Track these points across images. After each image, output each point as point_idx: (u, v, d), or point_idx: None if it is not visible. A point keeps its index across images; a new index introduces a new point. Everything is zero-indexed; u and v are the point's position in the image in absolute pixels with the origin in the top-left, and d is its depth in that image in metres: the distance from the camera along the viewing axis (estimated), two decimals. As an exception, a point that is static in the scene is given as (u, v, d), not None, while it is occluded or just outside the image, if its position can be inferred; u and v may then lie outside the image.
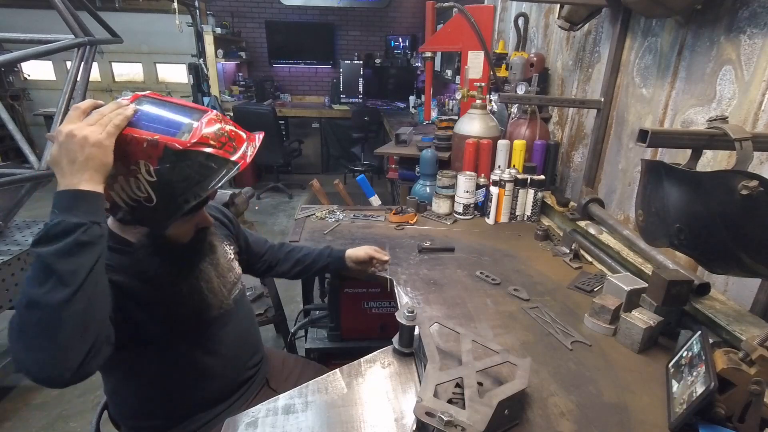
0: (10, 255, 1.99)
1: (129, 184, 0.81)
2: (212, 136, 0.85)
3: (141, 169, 0.80)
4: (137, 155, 0.80)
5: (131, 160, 0.80)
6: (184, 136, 0.82)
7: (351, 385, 1.00)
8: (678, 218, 0.94)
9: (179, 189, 0.82)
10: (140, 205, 0.83)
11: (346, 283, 1.73)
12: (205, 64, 5.14)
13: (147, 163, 0.80)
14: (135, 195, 0.82)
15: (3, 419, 2.09)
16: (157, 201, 0.82)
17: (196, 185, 0.83)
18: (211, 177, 0.84)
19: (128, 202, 0.83)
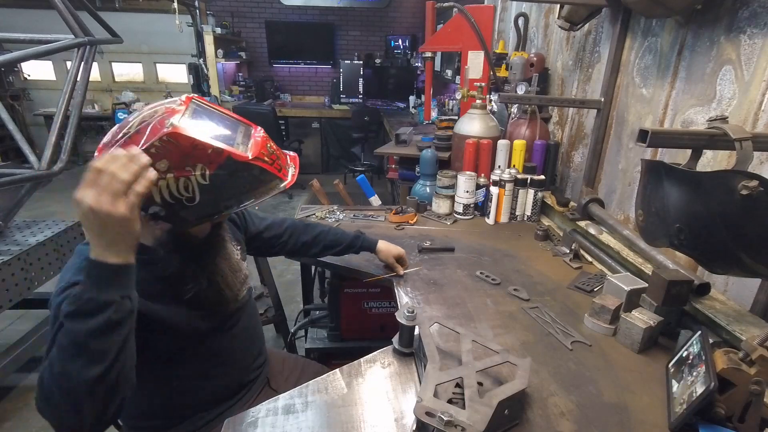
0: (10, 255, 1.98)
1: (177, 182, 0.82)
2: (266, 152, 0.90)
3: (196, 171, 0.82)
4: (199, 159, 0.82)
5: (190, 163, 0.82)
6: (240, 148, 0.87)
7: (351, 385, 1.00)
8: (678, 218, 0.94)
9: (226, 195, 0.87)
10: (179, 203, 0.84)
11: (346, 283, 1.73)
12: (205, 64, 5.14)
13: (204, 167, 0.82)
14: (178, 194, 0.83)
15: (3, 419, 2.09)
16: (198, 202, 0.85)
17: (243, 194, 0.89)
18: (259, 190, 0.90)
19: (167, 199, 0.83)
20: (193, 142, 0.81)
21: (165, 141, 0.80)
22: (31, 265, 2.09)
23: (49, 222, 2.39)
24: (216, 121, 0.90)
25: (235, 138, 0.88)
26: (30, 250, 2.08)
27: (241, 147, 0.87)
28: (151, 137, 0.80)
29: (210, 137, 0.84)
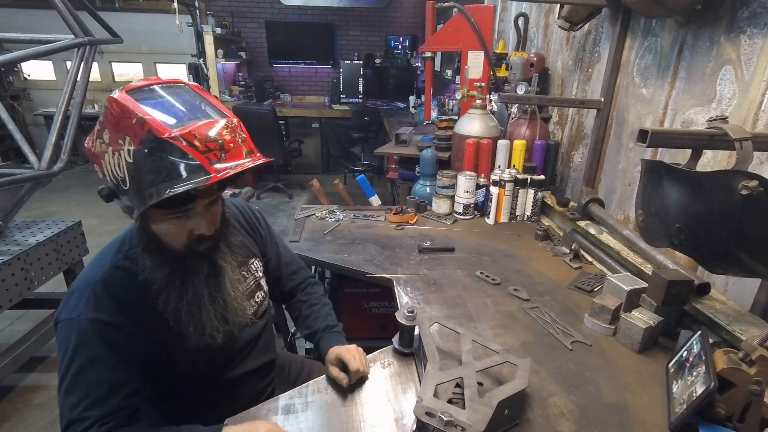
0: (10, 255, 1.98)
1: (114, 158, 0.78)
2: (201, 138, 0.78)
3: (125, 145, 0.76)
4: (125, 130, 0.76)
5: (121, 134, 0.76)
6: (173, 126, 0.77)
7: (351, 385, 1.00)
8: (678, 218, 0.94)
9: (147, 181, 0.76)
10: (118, 186, 0.80)
11: (346, 283, 1.73)
12: (205, 64, 5.14)
13: (131, 140, 0.75)
14: (116, 173, 0.78)
15: (3, 419, 2.09)
16: (129, 186, 0.78)
17: (162, 183, 0.76)
18: (177, 180, 0.76)
19: (111, 179, 0.80)
20: (122, 108, 0.76)
21: (105, 108, 0.78)
22: (31, 265, 2.09)
23: (49, 222, 2.39)
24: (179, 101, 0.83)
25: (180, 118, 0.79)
26: (30, 250, 2.08)
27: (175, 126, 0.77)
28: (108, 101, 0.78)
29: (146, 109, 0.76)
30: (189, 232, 0.89)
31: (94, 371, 0.86)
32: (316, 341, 1.17)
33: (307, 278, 1.35)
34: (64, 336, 0.87)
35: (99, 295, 0.88)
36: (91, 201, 5.04)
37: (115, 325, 0.88)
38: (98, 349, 0.86)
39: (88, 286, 0.90)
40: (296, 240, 1.69)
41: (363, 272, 1.49)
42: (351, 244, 1.68)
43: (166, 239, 0.89)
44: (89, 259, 3.19)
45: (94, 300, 0.87)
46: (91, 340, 0.86)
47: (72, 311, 0.88)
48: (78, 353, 0.86)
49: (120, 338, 0.88)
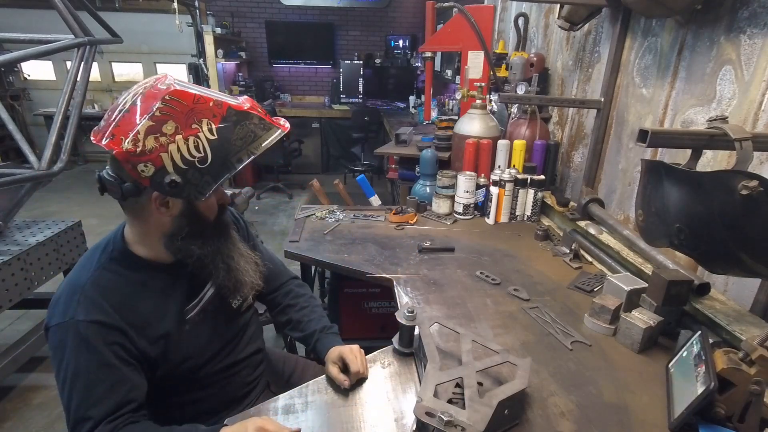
0: (10, 255, 1.98)
1: (187, 143, 0.84)
2: (257, 106, 0.94)
3: (203, 127, 0.85)
4: (203, 114, 0.85)
5: (195, 119, 0.84)
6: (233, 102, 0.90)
7: (353, 385, 1.00)
8: (678, 218, 0.94)
9: (235, 147, 0.88)
10: (192, 167, 0.85)
11: (346, 283, 1.73)
12: (205, 64, 5.13)
13: (210, 121, 0.85)
14: (190, 156, 0.84)
15: (3, 419, 2.09)
16: (211, 161, 0.86)
17: (251, 144, 0.90)
18: (263, 137, 0.92)
19: (180, 165, 0.84)
20: (194, 97, 0.85)
21: (168, 100, 0.82)
22: (31, 265, 2.09)
23: (49, 222, 2.39)
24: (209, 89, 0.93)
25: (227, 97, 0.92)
26: (30, 250, 2.08)
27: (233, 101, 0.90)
28: (151, 102, 0.82)
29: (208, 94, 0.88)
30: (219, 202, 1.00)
31: (93, 371, 0.86)
32: (314, 343, 1.17)
33: (290, 279, 1.34)
34: (58, 340, 0.87)
35: (90, 297, 0.89)
36: (91, 201, 5.03)
37: (110, 324, 0.88)
38: (95, 349, 0.86)
39: (76, 289, 0.90)
40: (296, 240, 1.69)
41: (363, 272, 1.49)
42: (351, 244, 1.68)
43: (207, 214, 0.97)
44: (89, 259, 3.12)
45: (84, 302, 0.88)
46: (88, 341, 0.86)
47: (63, 315, 0.88)
48: (75, 355, 0.86)
49: (116, 337, 0.89)
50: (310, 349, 1.19)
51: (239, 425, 0.85)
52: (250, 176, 5.65)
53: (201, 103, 0.85)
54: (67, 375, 0.86)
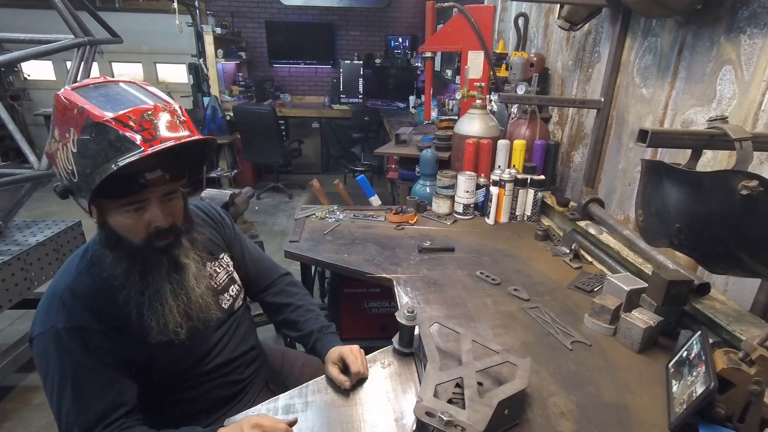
0: (10, 255, 1.98)
1: (63, 153, 0.80)
2: (136, 119, 0.80)
3: (70, 137, 0.79)
4: (70, 122, 0.79)
5: (66, 127, 0.80)
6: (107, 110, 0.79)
7: (353, 385, 1.00)
8: (678, 218, 0.94)
9: (89, 166, 0.79)
10: (71, 181, 0.82)
11: (346, 283, 1.73)
12: (205, 64, 5.14)
13: (75, 131, 0.79)
14: (66, 167, 0.81)
15: (3, 419, 2.09)
16: (78, 175, 0.80)
17: (102, 165, 0.78)
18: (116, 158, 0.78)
19: (64, 175, 0.83)
20: (66, 101, 0.80)
21: (54, 106, 0.82)
22: (31, 265, 2.09)
23: (49, 222, 2.39)
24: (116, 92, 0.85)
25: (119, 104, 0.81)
26: (30, 250, 2.08)
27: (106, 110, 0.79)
28: None
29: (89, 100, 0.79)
30: (147, 225, 0.89)
31: (80, 376, 0.86)
32: (312, 343, 1.16)
33: (281, 276, 1.32)
34: (42, 349, 0.86)
35: (68, 304, 0.87)
36: (91, 201, 5.04)
37: (91, 329, 0.87)
38: (79, 354, 0.86)
39: (54, 297, 0.89)
40: (296, 240, 1.69)
41: (363, 272, 1.49)
42: (351, 244, 1.68)
43: (123, 233, 0.89)
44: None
45: (64, 309, 0.87)
46: (71, 348, 0.85)
47: (44, 324, 0.87)
48: (59, 362, 0.85)
49: (98, 341, 0.88)
50: (309, 349, 1.18)
51: (235, 425, 0.85)
52: (250, 176, 5.65)
53: (69, 109, 0.79)
54: (54, 383, 0.85)
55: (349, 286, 1.74)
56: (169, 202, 0.91)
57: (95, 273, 0.92)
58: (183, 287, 0.95)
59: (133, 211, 0.86)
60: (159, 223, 0.89)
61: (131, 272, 0.90)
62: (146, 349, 0.93)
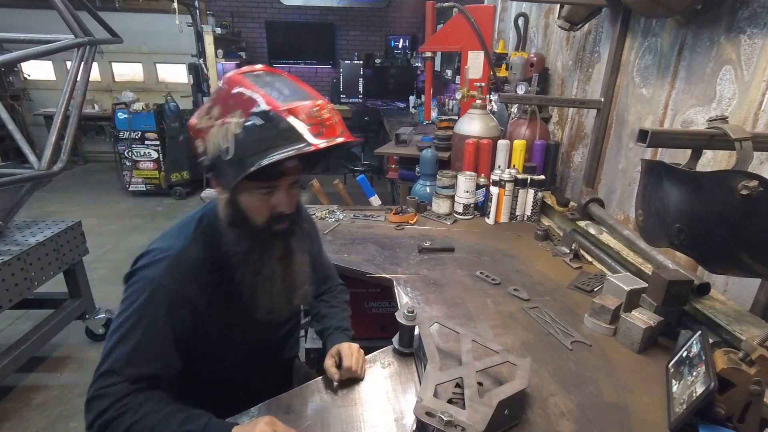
0: (10, 255, 1.98)
1: (220, 131, 0.84)
2: (305, 113, 0.84)
3: (233, 119, 0.83)
4: (237, 105, 0.83)
5: (231, 109, 0.84)
6: (279, 101, 0.83)
7: (351, 385, 1.00)
8: (678, 218, 0.94)
9: (252, 149, 0.82)
10: (220, 156, 0.85)
11: (347, 283, 1.72)
12: (205, 64, 5.14)
13: (241, 114, 0.83)
14: (220, 144, 0.85)
15: (3, 419, 2.09)
16: (233, 155, 0.84)
17: (265, 151, 0.82)
18: (283, 147, 0.82)
19: (213, 150, 0.86)
20: (234, 86, 0.85)
21: (219, 87, 0.88)
22: (31, 265, 2.09)
23: (49, 222, 2.39)
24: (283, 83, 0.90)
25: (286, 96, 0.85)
26: (30, 250, 2.08)
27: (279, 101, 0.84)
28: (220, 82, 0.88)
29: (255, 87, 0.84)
30: (271, 208, 0.94)
31: (148, 334, 0.89)
32: (326, 337, 1.19)
33: (337, 285, 1.36)
34: (136, 289, 0.91)
35: (176, 265, 0.92)
36: (91, 201, 5.04)
37: (185, 297, 0.92)
38: (160, 315, 0.90)
39: (167, 253, 0.93)
40: (296, 240, 1.69)
41: (363, 272, 1.49)
42: (351, 244, 1.68)
43: (250, 213, 0.94)
44: (94, 254, 3.18)
45: (170, 268, 0.92)
46: (157, 305, 0.90)
47: (151, 270, 0.92)
48: (142, 311, 0.89)
49: (184, 310, 0.92)
50: (323, 343, 1.21)
51: (249, 424, 0.86)
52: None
53: (237, 95, 0.84)
54: (125, 323, 0.89)
55: (349, 286, 1.72)
56: (292, 190, 0.96)
57: (207, 243, 0.96)
58: (289, 273, 1.01)
59: (264, 194, 0.92)
60: (282, 209, 0.94)
61: (252, 252, 0.95)
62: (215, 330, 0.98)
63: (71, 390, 2.28)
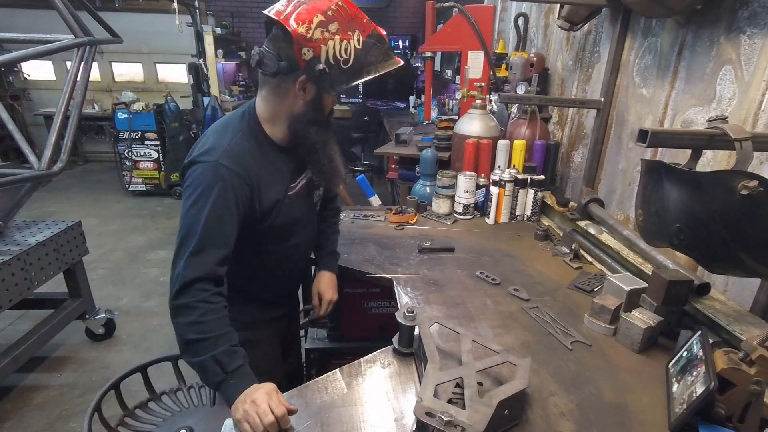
0: (10, 255, 1.98)
1: (341, 44, 1.02)
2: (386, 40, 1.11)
3: (354, 36, 1.04)
4: (358, 26, 1.05)
5: (352, 27, 1.04)
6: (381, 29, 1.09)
7: (351, 385, 1.00)
8: (678, 218, 0.94)
9: (368, 61, 1.07)
10: (337, 65, 1.04)
11: (346, 284, 1.73)
12: (205, 64, 5.14)
13: (360, 33, 1.05)
14: (339, 55, 1.03)
15: (3, 419, 2.09)
16: (351, 65, 1.05)
17: (379, 63, 1.09)
18: (386, 62, 1.11)
19: (330, 60, 1.03)
20: (356, 10, 1.05)
21: (339, 5, 1.03)
22: (31, 265, 2.10)
23: (49, 222, 2.39)
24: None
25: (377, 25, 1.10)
26: (30, 250, 2.08)
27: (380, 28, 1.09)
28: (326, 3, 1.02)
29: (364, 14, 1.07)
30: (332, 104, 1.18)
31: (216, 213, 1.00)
32: (319, 260, 1.47)
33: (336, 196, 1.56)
34: (199, 174, 1.02)
35: (232, 153, 1.05)
36: (91, 201, 5.04)
37: (245, 179, 1.05)
38: (227, 194, 1.01)
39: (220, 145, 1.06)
40: (296, 240, 1.69)
41: (363, 272, 1.49)
42: (351, 244, 1.68)
43: (326, 108, 1.15)
44: (94, 254, 3.18)
45: (228, 155, 1.04)
46: (225, 184, 1.01)
47: (208, 155, 1.03)
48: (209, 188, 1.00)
49: (245, 191, 1.05)
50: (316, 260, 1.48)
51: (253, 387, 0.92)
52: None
53: (359, 17, 1.05)
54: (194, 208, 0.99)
55: (349, 286, 1.73)
56: None
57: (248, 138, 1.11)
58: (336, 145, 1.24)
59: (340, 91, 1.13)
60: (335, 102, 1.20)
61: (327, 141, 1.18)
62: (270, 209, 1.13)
63: (71, 390, 2.28)
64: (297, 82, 1.06)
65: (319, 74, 1.03)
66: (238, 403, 0.90)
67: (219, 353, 0.93)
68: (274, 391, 0.91)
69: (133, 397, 1.35)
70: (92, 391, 2.23)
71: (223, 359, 0.93)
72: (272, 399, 0.89)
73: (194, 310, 0.94)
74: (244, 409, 0.87)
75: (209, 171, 1.02)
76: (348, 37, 1.03)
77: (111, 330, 2.74)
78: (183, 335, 0.95)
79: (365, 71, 1.07)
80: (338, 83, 1.06)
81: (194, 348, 0.94)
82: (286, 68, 1.04)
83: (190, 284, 0.95)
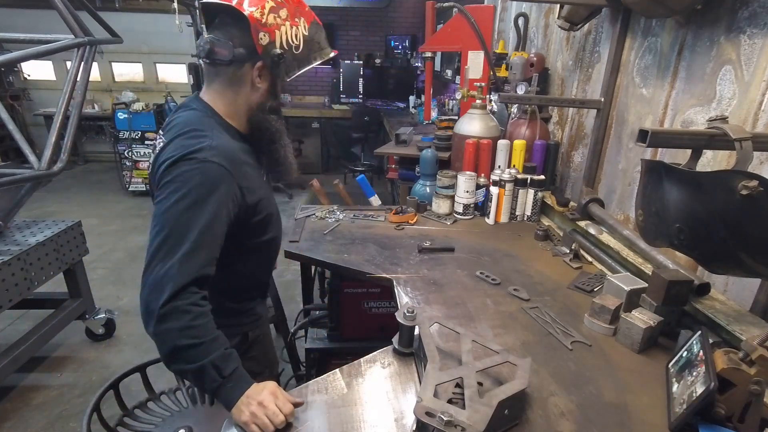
0: (10, 255, 1.98)
1: (292, 29, 1.08)
2: None
3: (301, 23, 1.11)
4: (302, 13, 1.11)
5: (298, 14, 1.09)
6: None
7: (351, 385, 1.00)
8: (678, 218, 0.94)
9: (314, 47, 1.16)
10: (289, 50, 1.09)
11: (346, 283, 1.73)
12: (205, 64, 5.13)
13: (305, 21, 1.12)
14: (291, 41, 1.08)
15: (3, 419, 2.09)
16: (301, 51, 1.12)
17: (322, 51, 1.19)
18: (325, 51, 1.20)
19: (284, 45, 1.07)
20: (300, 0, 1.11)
21: None
22: (31, 265, 2.10)
23: (49, 222, 2.39)
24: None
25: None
26: (30, 250, 2.08)
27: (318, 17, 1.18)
28: None
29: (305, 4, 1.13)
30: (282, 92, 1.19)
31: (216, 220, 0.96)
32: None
33: None
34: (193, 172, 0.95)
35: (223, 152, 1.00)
36: (91, 201, 5.04)
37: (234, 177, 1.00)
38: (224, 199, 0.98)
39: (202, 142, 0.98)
40: (296, 240, 1.69)
41: (363, 272, 1.49)
42: (351, 244, 1.68)
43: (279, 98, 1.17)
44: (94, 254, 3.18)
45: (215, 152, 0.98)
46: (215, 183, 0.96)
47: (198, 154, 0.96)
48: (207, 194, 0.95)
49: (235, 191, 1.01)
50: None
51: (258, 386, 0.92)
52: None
53: (302, 4, 1.11)
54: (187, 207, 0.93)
55: (349, 286, 1.73)
56: None
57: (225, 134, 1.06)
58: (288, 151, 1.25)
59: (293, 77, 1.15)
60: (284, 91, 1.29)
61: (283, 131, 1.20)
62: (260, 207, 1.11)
63: (71, 390, 2.28)
64: (255, 69, 1.06)
65: (276, 59, 1.05)
66: (241, 405, 0.88)
67: (216, 357, 0.90)
68: (278, 390, 0.91)
69: (133, 397, 1.35)
70: (92, 391, 2.23)
71: (220, 364, 0.90)
72: (278, 398, 0.89)
73: (185, 314, 0.89)
74: (251, 411, 0.87)
75: (205, 170, 0.95)
76: (296, 24, 1.09)
77: (111, 330, 2.74)
78: (173, 341, 0.88)
79: (312, 57, 1.15)
80: (291, 69, 1.11)
81: (187, 354, 0.89)
82: (243, 55, 1.03)
83: (183, 288, 0.90)
